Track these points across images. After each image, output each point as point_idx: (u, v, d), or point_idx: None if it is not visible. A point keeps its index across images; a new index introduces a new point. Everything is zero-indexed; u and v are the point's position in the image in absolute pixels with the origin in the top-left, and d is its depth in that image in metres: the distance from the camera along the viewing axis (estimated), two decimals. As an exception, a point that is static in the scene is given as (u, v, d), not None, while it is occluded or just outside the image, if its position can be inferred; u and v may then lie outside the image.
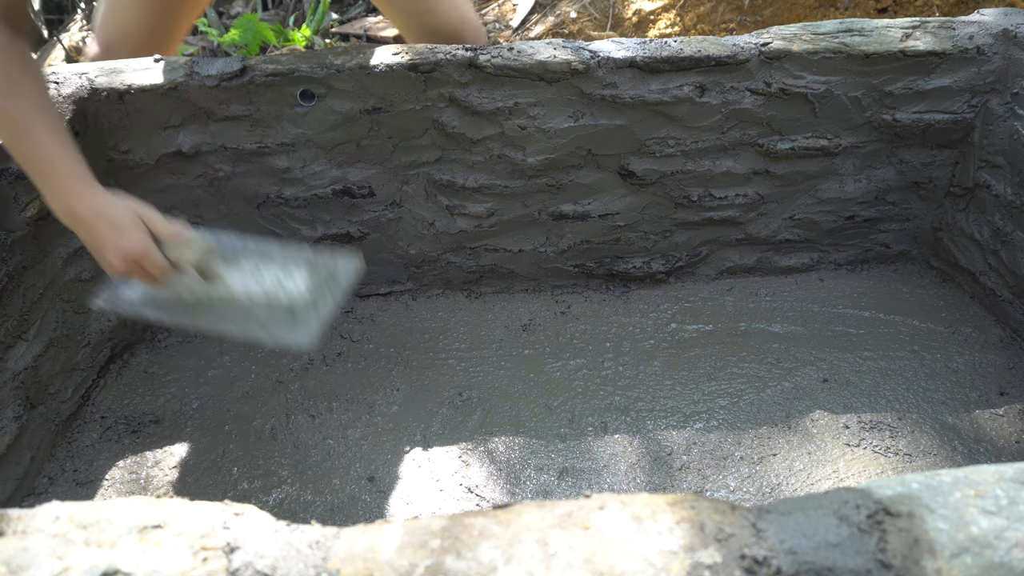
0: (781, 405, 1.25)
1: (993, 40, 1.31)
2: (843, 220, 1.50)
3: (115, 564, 0.44)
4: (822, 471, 1.13)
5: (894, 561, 0.44)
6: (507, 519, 0.48)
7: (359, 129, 1.29)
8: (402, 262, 1.48)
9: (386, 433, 1.21)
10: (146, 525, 0.47)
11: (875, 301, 1.47)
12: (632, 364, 1.34)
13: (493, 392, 1.29)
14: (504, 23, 3.06)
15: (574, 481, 1.12)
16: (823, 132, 1.38)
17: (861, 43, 1.30)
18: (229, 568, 0.45)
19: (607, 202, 1.43)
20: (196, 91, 1.22)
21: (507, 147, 1.33)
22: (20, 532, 0.47)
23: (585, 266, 1.51)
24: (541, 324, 1.44)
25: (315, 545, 0.47)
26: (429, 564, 0.44)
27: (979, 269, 1.43)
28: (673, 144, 1.36)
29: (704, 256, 1.52)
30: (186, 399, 1.28)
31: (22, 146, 0.91)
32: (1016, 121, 1.30)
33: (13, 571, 0.43)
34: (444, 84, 1.26)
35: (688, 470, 1.14)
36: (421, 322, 1.44)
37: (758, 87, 1.31)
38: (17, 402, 1.11)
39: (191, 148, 1.28)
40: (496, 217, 1.42)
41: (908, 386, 1.27)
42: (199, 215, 1.36)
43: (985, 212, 1.40)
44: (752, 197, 1.44)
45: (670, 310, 1.46)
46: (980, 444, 1.16)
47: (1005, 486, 0.49)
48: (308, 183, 1.34)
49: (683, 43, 1.29)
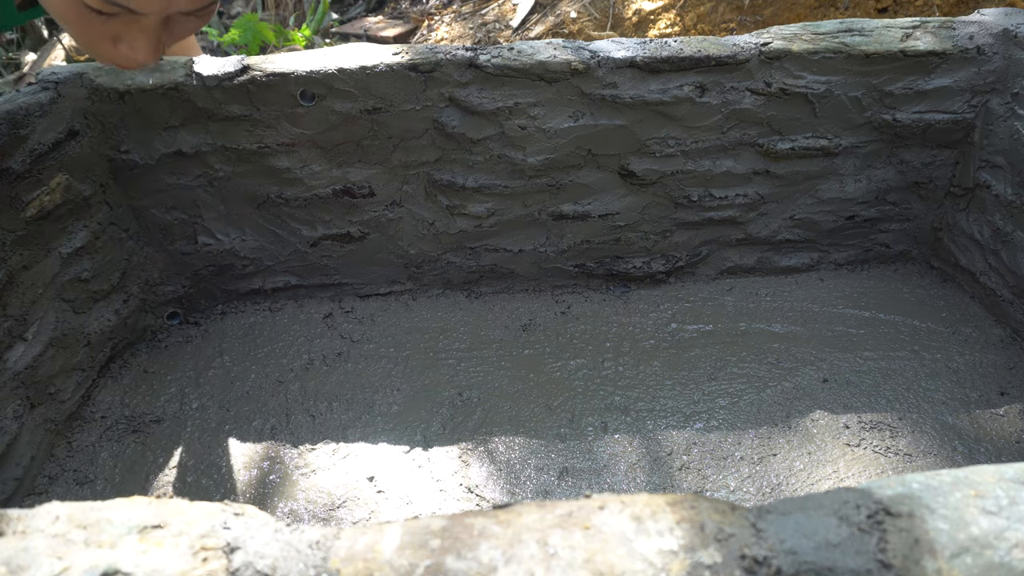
0: (781, 405, 1.25)
1: (993, 40, 1.31)
2: (843, 220, 1.50)
3: (115, 564, 0.44)
4: (822, 471, 1.13)
5: (894, 561, 0.44)
6: (507, 519, 0.48)
7: (359, 129, 1.29)
8: (402, 262, 1.48)
9: (386, 433, 1.21)
10: (146, 525, 0.47)
11: (875, 301, 1.47)
12: (632, 364, 1.34)
13: (493, 392, 1.29)
14: (504, 23, 3.06)
15: (574, 481, 1.12)
16: (823, 132, 1.38)
17: (861, 43, 1.30)
18: (229, 568, 0.45)
19: (607, 202, 1.43)
20: (196, 91, 1.22)
21: (507, 147, 1.33)
22: (20, 532, 0.47)
23: (585, 266, 1.51)
24: (541, 324, 1.44)
25: (315, 545, 0.47)
26: (429, 564, 0.44)
27: (979, 269, 1.43)
28: (673, 144, 1.36)
29: (704, 256, 1.52)
30: (186, 399, 1.28)
31: None
32: (1016, 121, 1.30)
33: (13, 571, 0.43)
34: (444, 84, 1.26)
35: (688, 470, 1.14)
36: (421, 322, 1.44)
37: (758, 87, 1.31)
38: (17, 402, 1.11)
39: (191, 148, 1.28)
40: (496, 217, 1.42)
41: (908, 386, 1.27)
42: (199, 215, 1.36)
43: (985, 212, 1.40)
44: (752, 197, 1.44)
45: (670, 310, 1.46)
46: (980, 444, 1.16)
47: (1005, 486, 0.49)
48: (308, 183, 1.34)
49: (683, 43, 1.29)
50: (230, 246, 1.41)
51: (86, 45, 0.82)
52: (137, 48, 0.80)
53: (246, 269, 1.45)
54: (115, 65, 0.84)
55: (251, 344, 1.39)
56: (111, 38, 0.79)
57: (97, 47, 0.81)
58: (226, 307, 1.48)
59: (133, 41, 0.80)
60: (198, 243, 1.39)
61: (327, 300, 1.50)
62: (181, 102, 1.23)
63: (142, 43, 0.80)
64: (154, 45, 0.81)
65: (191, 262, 1.41)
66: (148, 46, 0.81)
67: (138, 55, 0.81)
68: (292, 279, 1.48)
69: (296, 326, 1.44)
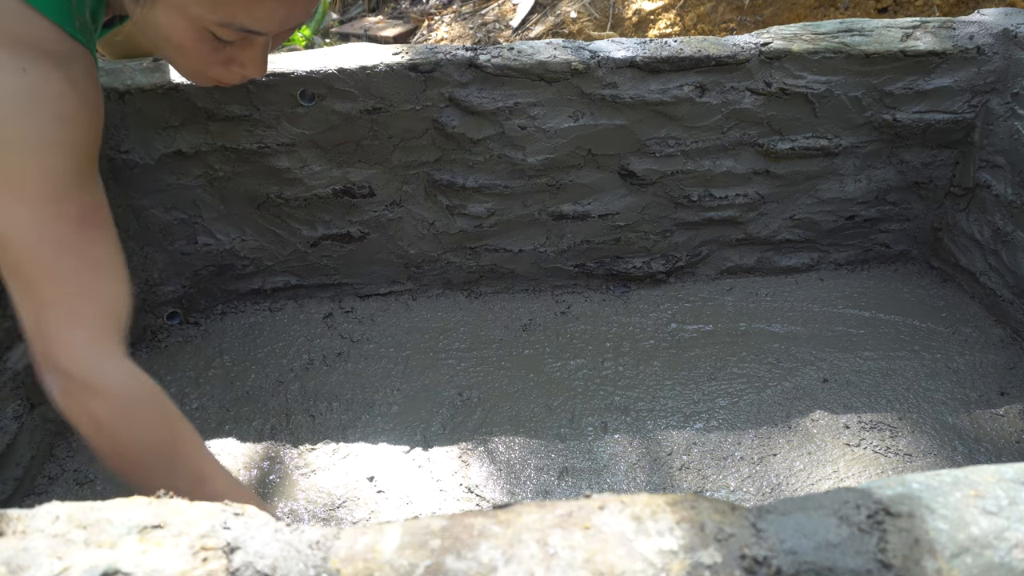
0: (781, 405, 1.25)
1: (993, 40, 1.31)
2: (843, 220, 1.50)
3: (115, 564, 0.44)
4: (822, 471, 1.13)
5: (894, 561, 0.44)
6: (507, 519, 0.48)
7: (359, 129, 1.29)
8: (402, 262, 1.48)
9: (386, 433, 1.21)
10: (146, 525, 0.47)
11: (875, 301, 1.47)
12: (632, 364, 1.34)
13: (493, 392, 1.29)
14: (504, 23, 3.06)
15: (574, 481, 1.12)
16: (823, 132, 1.38)
17: (861, 43, 1.30)
18: (229, 568, 0.45)
19: (607, 202, 1.43)
20: (196, 91, 1.22)
21: (507, 147, 1.33)
22: (20, 532, 0.47)
23: (585, 266, 1.51)
24: (541, 324, 1.44)
25: (315, 545, 0.47)
26: (429, 564, 0.44)
27: (979, 269, 1.43)
28: (673, 144, 1.36)
29: (704, 256, 1.52)
30: (186, 399, 1.28)
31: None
32: (1016, 121, 1.30)
33: (13, 571, 0.43)
34: (444, 84, 1.26)
35: (688, 470, 1.14)
36: (421, 322, 1.44)
37: (758, 87, 1.31)
38: (17, 402, 1.11)
39: (191, 148, 1.28)
40: (496, 217, 1.42)
41: (908, 386, 1.27)
42: (199, 215, 1.36)
43: (985, 212, 1.40)
44: (752, 197, 1.44)
45: (670, 310, 1.46)
46: (980, 444, 1.16)
47: (1005, 486, 0.49)
48: (308, 183, 1.34)
49: (683, 43, 1.29)
50: (230, 246, 1.40)
51: (196, 70, 0.82)
52: (248, 66, 0.81)
53: (246, 269, 1.45)
54: (221, 83, 0.84)
55: (251, 344, 1.39)
56: (225, 61, 0.80)
57: (207, 70, 0.81)
58: (226, 307, 1.48)
59: (245, 60, 0.81)
60: (198, 243, 1.39)
61: (327, 300, 1.50)
62: (181, 102, 1.23)
63: (254, 60, 0.81)
64: (265, 60, 0.82)
65: (191, 262, 1.41)
66: (259, 63, 0.82)
67: (249, 71, 0.82)
68: (292, 279, 1.48)
69: (296, 326, 1.44)
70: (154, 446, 0.80)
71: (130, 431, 0.78)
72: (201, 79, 0.84)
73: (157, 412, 0.81)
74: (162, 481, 0.79)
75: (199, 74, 0.83)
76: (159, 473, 0.79)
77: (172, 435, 0.82)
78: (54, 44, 0.74)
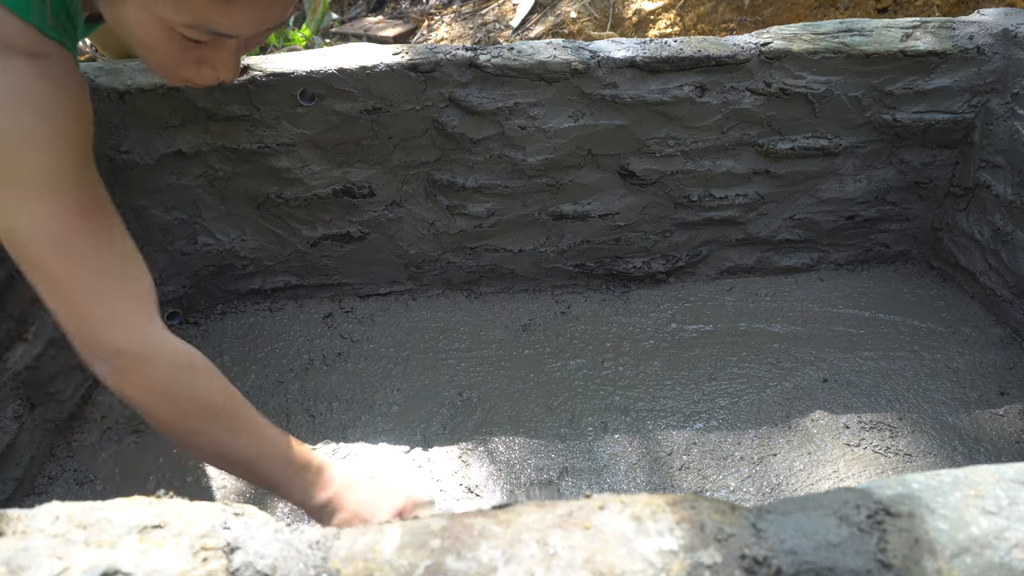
0: (781, 405, 1.25)
1: (993, 40, 1.31)
2: (843, 220, 1.50)
3: (115, 564, 0.44)
4: (822, 471, 1.13)
5: (894, 561, 0.44)
6: (507, 519, 0.48)
7: (359, 129, 1.29)
8: (402, 262, 1.48)
9: (386, 433, 1.21)
10: (146, 525, 0.47)
11: (875, 301, 1.47)
12: (632, 364, 1.34)
13: (493, 392, 1.29)
14: (504, 23, 3.06)
15: (574, 481, 1.12)
16: (823, 132, 1.38)
17: (861, 43, 1.30)
18: (229, 568, 0.45)
19: (607, 202, 1.43)
20: (196, 91, 1.22)
21: (507, 147, 1.33)
22: (20, 532, 0.47)
23: (585, 266, 1.51)
24: (541, 324, 1.44)
25: (315, 545, 0.47)
26: (429, 564, 0.44)
27: (979, 269, 1.43)
28: (673, 144, 1.36)
29: (704, 256, 1.52)
30: (186, 399, 1.28)
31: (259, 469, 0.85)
32: (1016, 121, 1.30)
33: (13, 571, 0.43)
34: (444, 84, 1.26)
35: (688, 470, 1.14)
36: (421, 322, 1.44)
37: (758, 87, 1.31)
38: (17, 402, 1.11)
39: (191, 148, 1.28)
40: (496, 217, 1.42)
41: (908, 386, 1.27)
42: (199, 215, 1.36)
43: (985, 212, 1.40)
44: (752, 197, 1.44)
45: (670, 310, 1.46)
46: (980, 444, 1.16)
47: (1005, 486, 0.49)
48: (308, 183, 1.34)
49: (683, 43, 1.29)
50: (230, 246, 1.40)
51: (167, 70, 0.82)
52: (220, 67, 0.81)
53: (246, 269, 1.45)
54: (192, 84, 0.84)
55: (251, 344, 1.39)
56: (195, 62, 0.80)
57: (178, 71, 0.81)
58: (226, 307, 1.48)
59: (216, 61, 0.80)
60: (198, 243, 1.39)
61: (327, 300, 1.50)
62: (181, 102, 1.23)
63: (226, 62, 0.81)
64: (237, 62, 0.82)
65: (191, 262, 1.41)
66: (232, 64, 0.82)
67: (221, 74, 0.82)
68: (292, 279, 1.48)
69: (296, 326, 1.44)
70: (215, 407, 0.82)
71: (190, 393, 0.80)
72: (173, 79, 0.85)
73: (212, 374, 0.83)
74: (225, 440, 0.82)
75: (171, 74, 0.83)
76: (221, 432, 0.82)
77: (229, 394, 0.84)
78: (28, 42, 0.74)
